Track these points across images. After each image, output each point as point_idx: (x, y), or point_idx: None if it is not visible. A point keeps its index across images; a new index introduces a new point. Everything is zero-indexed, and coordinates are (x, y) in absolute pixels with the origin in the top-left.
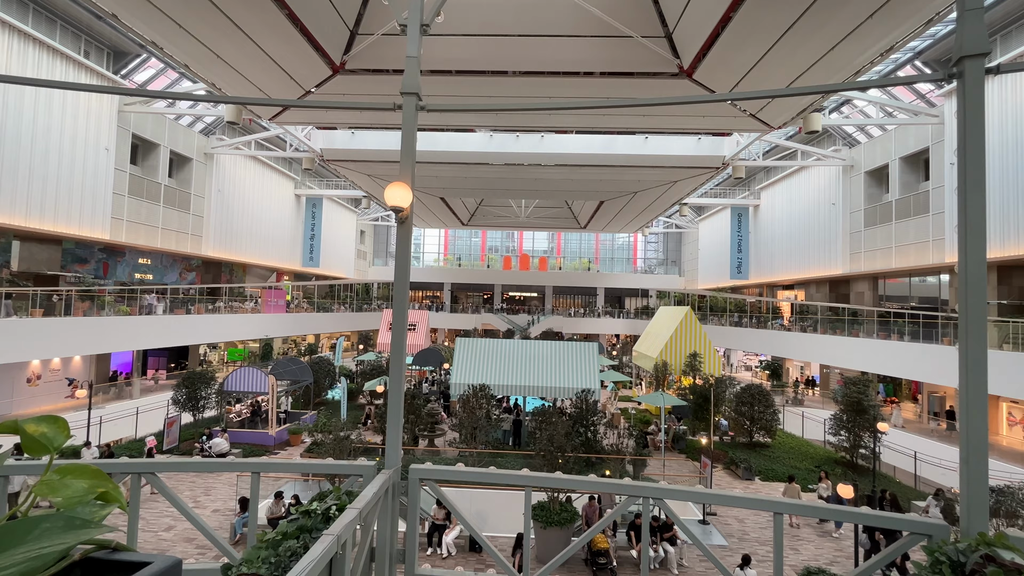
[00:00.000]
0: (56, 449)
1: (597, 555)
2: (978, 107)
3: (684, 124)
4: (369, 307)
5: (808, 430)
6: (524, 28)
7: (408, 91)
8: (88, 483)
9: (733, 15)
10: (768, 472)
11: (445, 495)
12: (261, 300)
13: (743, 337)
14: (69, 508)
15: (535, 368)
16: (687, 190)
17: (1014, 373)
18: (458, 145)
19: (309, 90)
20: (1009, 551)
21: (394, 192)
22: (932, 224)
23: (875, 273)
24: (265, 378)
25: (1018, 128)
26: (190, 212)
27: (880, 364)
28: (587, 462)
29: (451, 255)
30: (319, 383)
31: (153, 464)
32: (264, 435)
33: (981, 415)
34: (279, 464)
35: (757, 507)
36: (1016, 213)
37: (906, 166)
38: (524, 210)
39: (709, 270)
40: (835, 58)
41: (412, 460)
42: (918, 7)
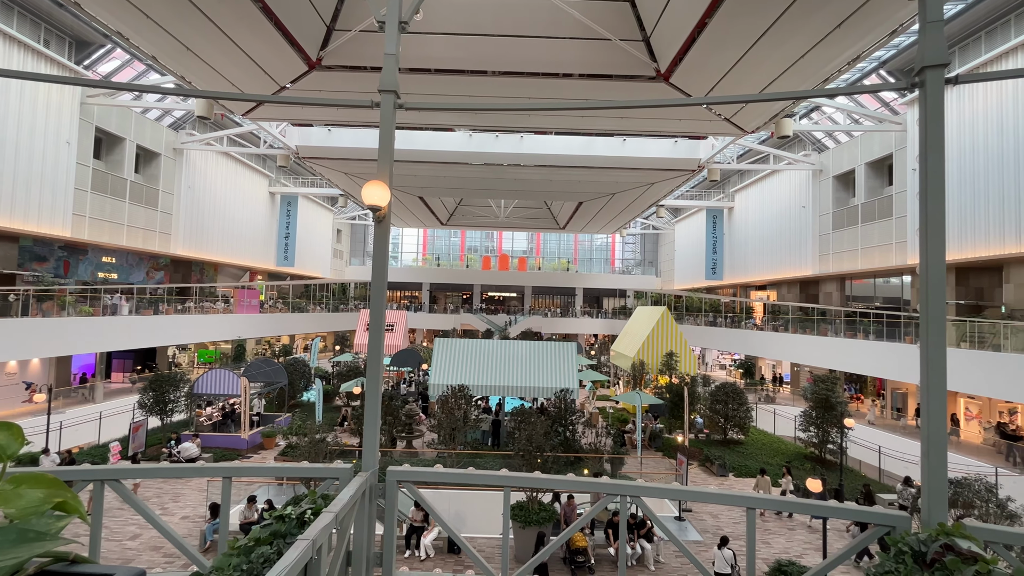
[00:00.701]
0: (10, 457)
1: (576, 553)
2: (938, 115)
3: (661, 127)
4: (346, 307)
5: (779, 427)
6: (503, 28)
7: (386, 89)
8: (44, 492)
9: (708, 21)
10: (742, 468)
11: (423, 497)
12: (234, 300)
13: (718, 336)
14: (23, 519)
15: (514, 368)
16: (664, 192)
17: (971, 370)
18: (437, 144)
19: (284, 86)
20: (966, 540)
21: (372, 191)
22: (895, 227)
23: (843, 274)
24: (237, 380)
25: (975, 136)
26: (158, 209)
27: (847, 362)
28: (566, 461)
29: (430, 255)
30: (294, 385)
31: (117, 471)
32: (236, 438)
33: (940, 411)
34: (252, 468)
35: (731, 503)
36: (973, 217)
37: (871, 171)
38: (504, 210)
39: (685, 271)
40: (805, 65)
41: (390, 462)
42: (883, 18)
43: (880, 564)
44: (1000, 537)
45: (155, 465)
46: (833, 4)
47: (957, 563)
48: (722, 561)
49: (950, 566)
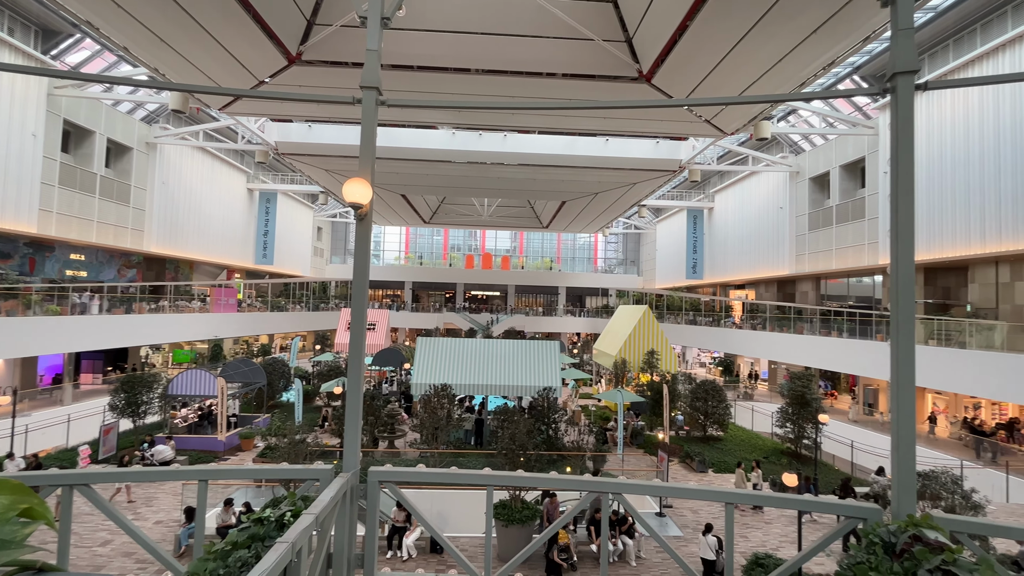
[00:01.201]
0: None
1: (558, 551)
2: (908, 119)
3: (643, 127)
4: (326, 306)
5: (757, 423)
6: (487, 26)
7: (368, 85)
8: (9, 499)
9: (690, 23)
10: (721, 464)
11: (405, 497)
12: (210, 299)
13: (698, 335)
14: None
15: (497, 367)
16: (645, 192)
17: (938, 367)
18: (420, 142)
19: (262, 80)
20: (934, 531)
21: (353, 188)
22: (868, 228)
23: (818, 274)
24: (214, 380)
25: (943, 141)
26: (130, 205)
27: (822, 359)
28: (548, 460)
29: (412, 253)
30: (273, 385)
31: (86, 475)
32: (213, 440)
33: (909, 407)
34: (229, 471)
35: (710, 498)
36: (941, 219)
37: (845, 174)
38: (487, 209)
39: (666, 270)
40: (783, 69)
41: (371, 462)
42: (857, 25)
43: (852, 555)
44: (965, 528)
45: (128, 468)
46: (810, 10)
47: (925, 553)
48: (706, 548)
49: (918, 556)
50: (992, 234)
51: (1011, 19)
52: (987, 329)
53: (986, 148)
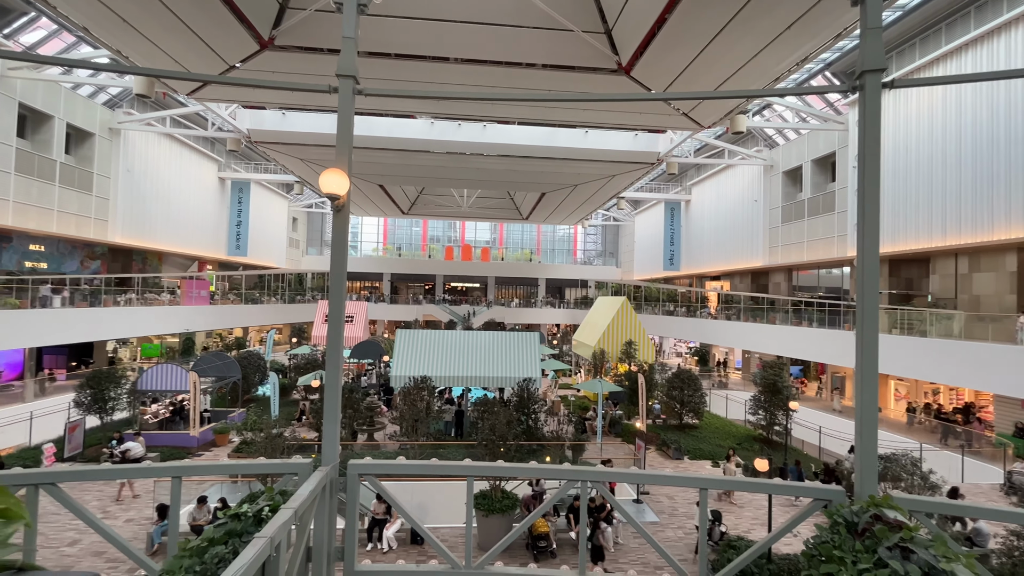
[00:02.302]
0: None
1: (538, 539)
2: (876, 116)
3: (622, 119)
4: (303, 298)
5: (731, 411)
6: (466, 15)
7: (344, 74)
8: None
9: (668, 17)
10: (696, 452)
11: (385, 489)
12: (181, 291)
13: (675, 325)
14: None
15: (477, 359)
16: (624, 184)
17: (900, 354)
18: (398, 131)
19: (233, 65)
20: (893, 510)
21: (330, 179)
22: (837, 221)
23: (790, 265)
24: (186, 375)
25: (908, 137)
26: (93, 194)
27: (793, 348)
28: (528, 450)
29: (391, 244)
30: (248, 379)
31: (52, 474)
32: (186, 436)
33: (872, 393)
34: (204, 467)
35: (685, 484)
36: (905, 213)
37: (817, 168)
38: (466, 200)
39: (644, 262)
40: (758, 64)
41: (351, 456)
42: (829, 22)
43: (818, 535)
44: (922, 506)
45: (96, 466)
46: (783, 7)
47: (884, 531)
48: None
49: (878, 534)
50: (952, 228)
51: (974, 19)
52: (946, 318)
53: (948, 146)
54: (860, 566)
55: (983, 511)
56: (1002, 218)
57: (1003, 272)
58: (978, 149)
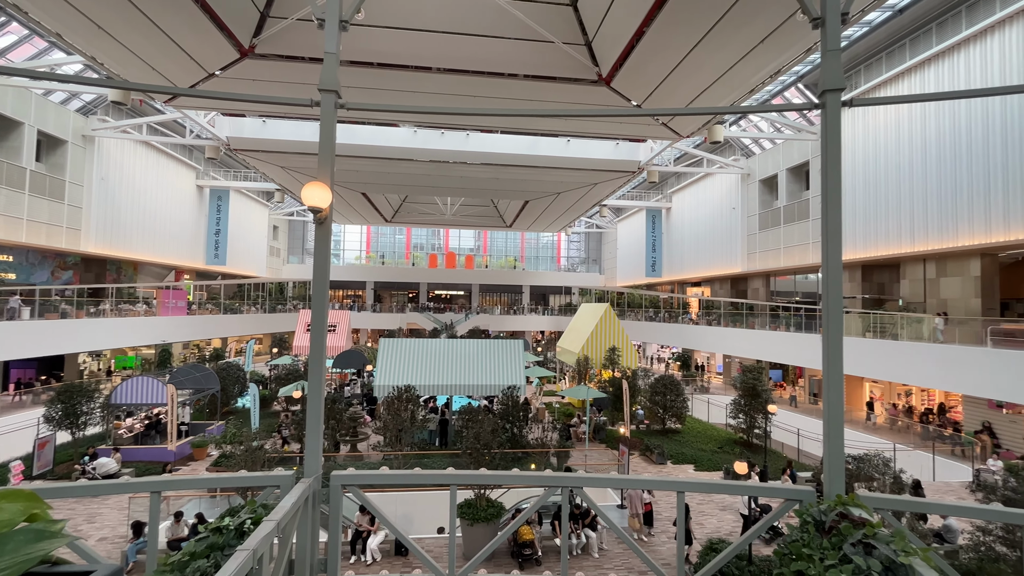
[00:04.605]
0: None
1: (523, 547)
2: (836, 132)
3: (603, 129)
4: (284, 308)
5: (713, 415)
6: (448, 25)
7: (326, 88)
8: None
9: (646, 30)
10: (679, 456)
11: (369, 500)
12: (157, 301)
13: (657, 331)
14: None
15: (461, 367)
16: (606, 192)
17: (874, 357)
18: (381, 140)
19: (212, 73)
20: (858, 508)
21: (312, 192)
22: (812, 228)
23: (768, 271)
24: (163, 387)
25: (877, 147)
26: (65, 202)
27: (771, 352)
28: (513, 457)
29: (374, 252)
30: (227, 391)
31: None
32: (163, 451)
33: (838, 395)
34: (183, 481)
35: (662, 487)
36: (876, 220)
37: (791, 176)
38: (450, 208)
39: (627, 268)
40: (733, 77)
41: (334, 467)
42: (796, 40)
43: (789, 534)
44: (886, 504)
45: (69, 483)
46: (755, 23)
47: (850, 528)
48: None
49: (844, 531)
50: (920, 234)
51: (935, 35)
52: (916, 322)
53: (915, 156)
54: (827, 562)
55: (943, 507)
56: (966, 225)
57: (968, 277)
58: (943, 159)
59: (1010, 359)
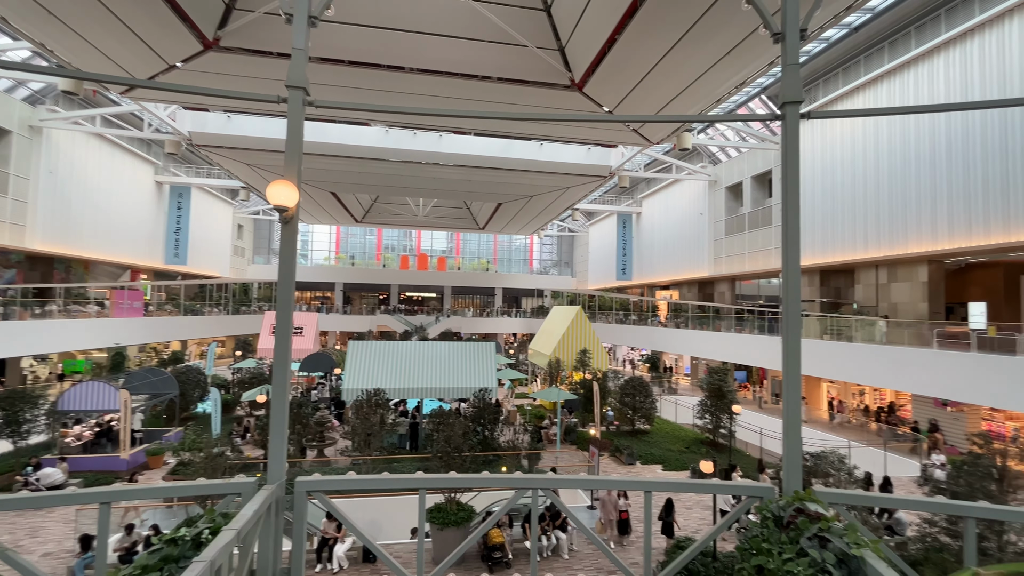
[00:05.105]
0: None
1: (493, 550)
2: (795, 143)
3: (576, 133)
4: (248, 309)
5: (680, 415)
6: (422, 25)
7: (294, 84)
8: None
9: (618, 37)
10: (647, 456)
11: (335, 506)
12: (110, 302)
13: (627, 333)
14: None
15: (433, 370)
16: (578, 196)
17: (830, 358)
18: (352, 139)
19: (173, 65)
20: (814, 503)
21: (278, 191)
22: (775, 234)
23: (733, 275)
24: (115, 393)
25: (834, 157)
26: (8, 196)
27: (736, 354)
28: (484, 460)
29: (343, 253)
30: (186, 395)
31: None
32: (115, 460)
33: (796, 396)
34: (136, 491)
35: (631, 487)
36: (833, 227)
37: (756, 184)
38: (422, 209)
39: (598, 271)
40: (700, 86)
41: (299, 473)
42: (759, 53)
43: (750, 529)
44: (840, 499)
45: (9, 495)
46: (721, 36)
47: (806, 523)
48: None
49: (800, 526)
50: (873, 241)
51: (888, 53)
52: (868, 324)
53: (868, 167)
54: (785, 556)
55: (892, 500)
56: (914, 233)
57: (916, 282)
58: (893, 171)
59: (954, 360)
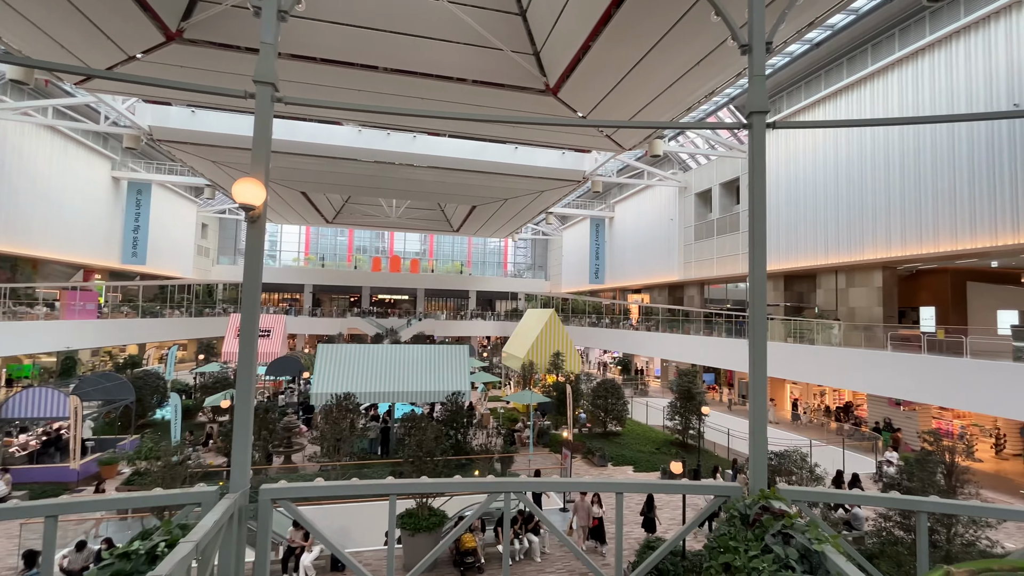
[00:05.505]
0: None
1: (465, 555)
2: (761, 151)
3: (550, 138)
4: (212, 311)
5: (651, 417)
6: (397, 25)
7: (262, 80)
8: None
9: (592, 44)
10: (619, 458)
11: (302, 514)
12: (61, 304)
13: (600, 336)
14: None
15: (405, 373)
16: (552, 200)
17: (793, 360)
18: (323, 138)
19: (133, 56)
20: (778, 501)
21: (244, 189)
22: (742, 240)
23: (702, 280)
24: (65, 399)
25: (797, 168)
26: None
27: (705, 357)
28: (457, 464)
29: (313, 254)
30: (144, 402)
31: None
32: (64, 470)
33: (762, 397)
34: (86, 503)
35: (603, 489)
36: (796, 234)
37: (724, 191)
38: (395, 210)
39: (571, 275)
40: (672, 95)
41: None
42: (727, 64)
43: (718, 528)
44: (802, 496)
45: None
46: (692, 46)
47: (770, 520)
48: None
49: (765, 523)
50: (833, 248)
51: (846, 69)
52: (828, 328)
53: (828, 177)
54: (750, 553)
55: (850, 496)
56: (870, 241)
57: (872, 287)
58: (851, 181)
59: (906, 361)
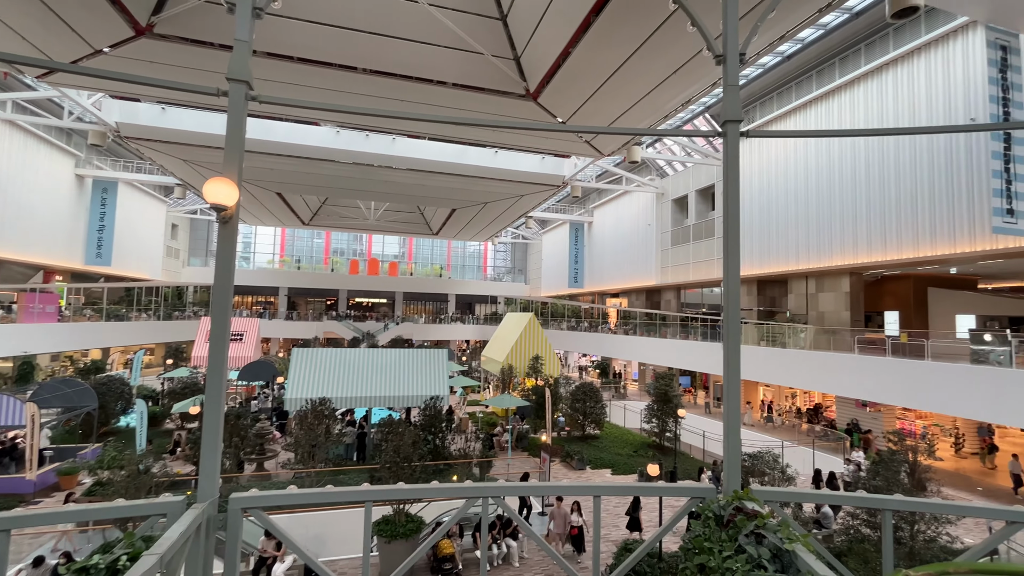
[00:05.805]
0: None
1: (443, 561)
2: (735, 159)
3: (530, 143)
4: (182, 315)
5: (629, 420)
6: (376, 26)
7: (236, 78)
8: None
9: (572, 50)
10: (597, 461)
11: (273, 523)
12: (18, 306)
13: (578, 340)
14: None
15: (382, 378)
16: (532, 204)
17: (766, 364)
18: (299, 138)
19: (100, 50)
20: (752, 502)
21: (216, 188)
22: (717, 245)
23: (679, 284)
24: (21, 407)
25: (769, 176)
26: None
27: (681, 360)
28: (435, 469)
29: (289, 256)
30: (107, 408)
31: None
32: (19, 481)
33: (735, 399)
34: (42, 515)
35: (580, 492)
36: (769, 240)
37: (700, 197)
38: (374, 212)
39: (551, 279)
40: (650, 102)
41: (235, 489)
42: (703, 74)
43: (693, 530)
44: (775, 496)
45: None
46: (670, 55)
47: (744, 521)
48: None
49: (739, 524)
50: (803, 254)
51: (815, 81)
52: (798, 332)
53: (799, 185)
54: (724, 554)
55: (820, 496)
56: (838, 247)
57: (840, 292)
58: (820, 189)
59: (872, 364)
